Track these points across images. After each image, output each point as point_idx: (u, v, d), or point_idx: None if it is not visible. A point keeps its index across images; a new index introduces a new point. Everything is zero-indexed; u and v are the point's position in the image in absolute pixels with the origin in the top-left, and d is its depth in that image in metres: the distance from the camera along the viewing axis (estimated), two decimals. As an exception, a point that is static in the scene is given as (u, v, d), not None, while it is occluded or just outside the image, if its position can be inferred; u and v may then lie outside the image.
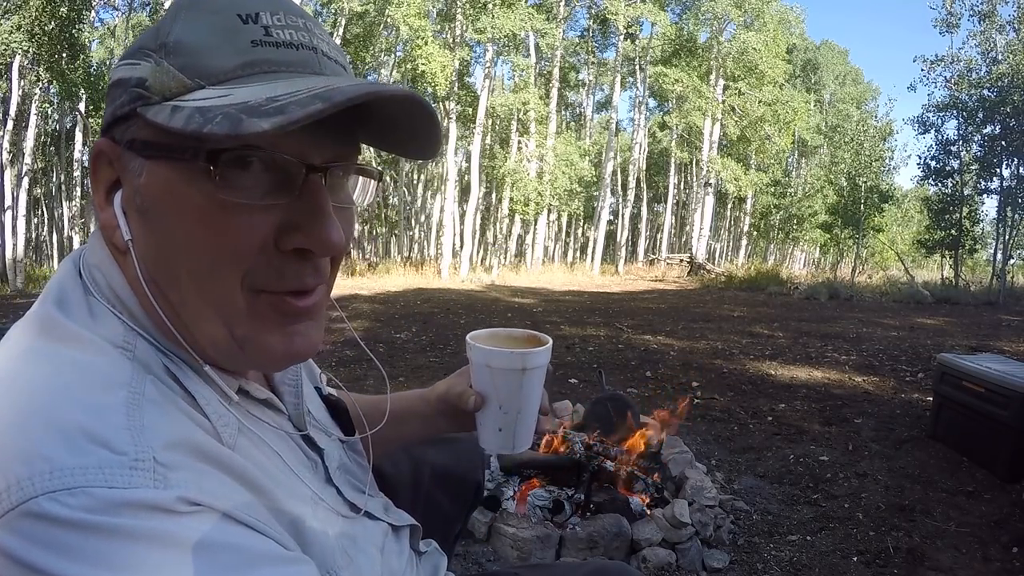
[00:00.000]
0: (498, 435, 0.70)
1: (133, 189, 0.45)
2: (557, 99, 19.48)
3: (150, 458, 0.37)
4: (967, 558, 1.93)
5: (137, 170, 0.45)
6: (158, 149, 0.43)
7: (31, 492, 0.34)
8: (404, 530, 0.70)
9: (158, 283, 0.46)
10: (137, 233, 0.46)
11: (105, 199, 0.47)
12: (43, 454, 0.35)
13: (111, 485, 0.35)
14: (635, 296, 11.22)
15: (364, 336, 5.62)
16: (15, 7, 10.12)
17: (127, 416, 0.39)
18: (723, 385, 4.11)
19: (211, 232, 0.43)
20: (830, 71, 28.85)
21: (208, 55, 0.43)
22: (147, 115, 0.42)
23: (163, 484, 0.37)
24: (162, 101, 0.43)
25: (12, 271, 12.01)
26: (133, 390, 0.41)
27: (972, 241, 15.69)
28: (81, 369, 0.41)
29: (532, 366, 0.67)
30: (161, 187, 0.44)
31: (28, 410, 0.38)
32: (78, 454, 0.36)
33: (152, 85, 0.43)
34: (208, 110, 0.40)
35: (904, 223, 28.55)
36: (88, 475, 0.35)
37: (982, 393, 2.63)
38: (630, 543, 1.87)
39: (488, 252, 23.05)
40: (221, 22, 0.44)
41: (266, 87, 0.42)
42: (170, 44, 0.44)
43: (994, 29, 14.95)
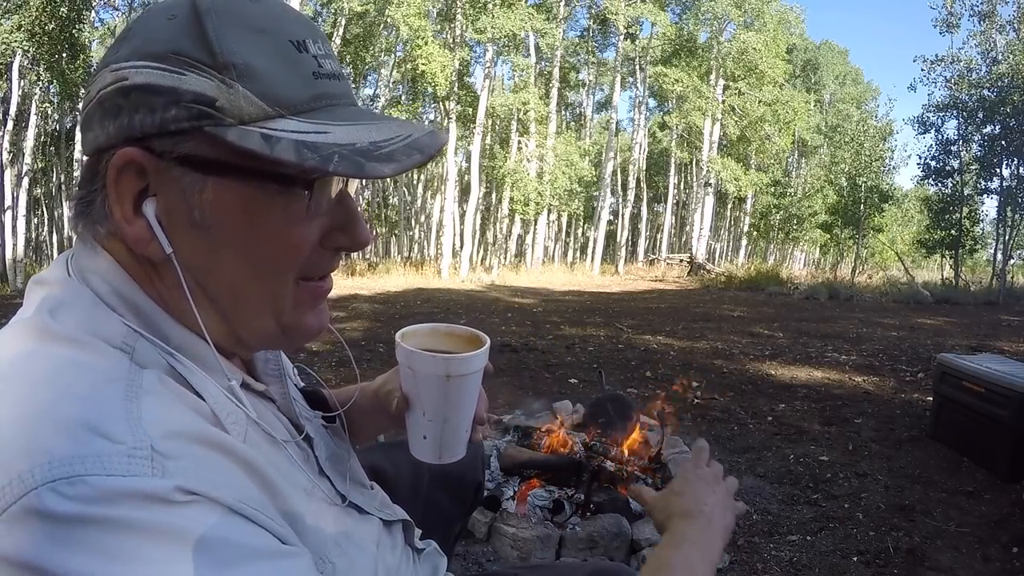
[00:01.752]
0: (423, 443, 0.64)
1: (187, 203, 0.46)
2: (557, 99, 19.48)
3: (148, 447, 0.38)
4: (967, 558, 1.93)
5: (195, 185, 0.45)
6: (235, 170, 0.45)
7: (31, 484, 0.35)
8: (397, 525, 0.69)
9: (205, 290, 0.49)
10: (181, 244, 0.47)
11: (133, 211, 0.47)
12: (43, 447, 0.36)
13: (109, 473, 0.36)
14: (635, 296, 11.22)
15: (364, 336, 5.61)
16: (15, 7, 10.11)
17: (124, 407, 0.40)
18: (723, 385, 4.11)
19: (284, 242, 0.48)
20: (830, 71, 28.84)
21: (282, 85, 0.45)
22: (226, 137, 0.43)
23: (160, 472, 0.37)
24: (239, 125, 0.44)
25: (12, 271, 12.00)
26: (130, 382, 0.42)
27: (972, 241, 15.69)
28: (79, 367, 0.42)
29: (459, 373, 0.60)
30: (233, 203, 0.46)
31: (29, 408, 0.38)
32: (76, 444, 0.36)
33: (225, 108, 0.44)
34: (316, 146, 0.43)
35: (904, 223, 28.53)
36: (87, 463, 0.36)
37: (982, 393, 2.63)
38: (630, 543, 1.87)
39: (488, 252, 23.04)
40: (279, 49, 0.46)
41: (359, 129, 0.46)
42: (238, 66, 0.44)
43: (994, 29, 14.97)
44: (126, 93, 0.45)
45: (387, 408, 0.71)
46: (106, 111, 0.46)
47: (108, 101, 0.46)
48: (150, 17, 0.47)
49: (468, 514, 1.04)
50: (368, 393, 0.77)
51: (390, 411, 0.69)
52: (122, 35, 0.47)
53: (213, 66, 0.44)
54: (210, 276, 0.48)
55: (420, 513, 0.80)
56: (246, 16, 0.46)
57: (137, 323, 0.47)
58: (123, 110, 0.45)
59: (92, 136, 0.47)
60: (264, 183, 0.46)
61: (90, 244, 0.49)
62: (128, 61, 0.45)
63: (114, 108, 0.45)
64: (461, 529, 1.02)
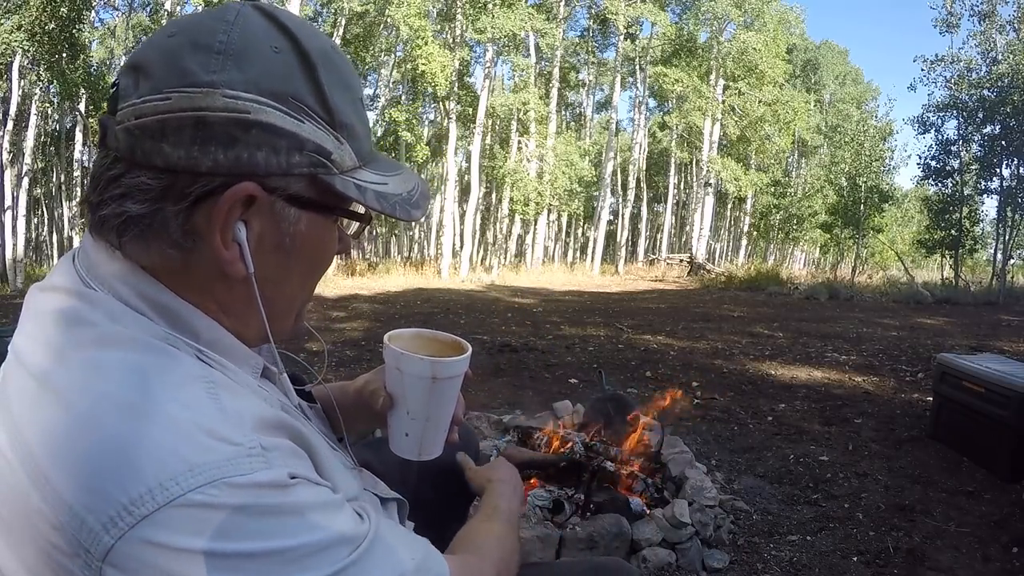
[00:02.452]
0: (405, 440, 0.68)
1: (279, 232, 0.52)
2: (557, 99, 19.48)
3: (258, 445, 0.43)
4: (967, 558, 1.93)
5: (293, 218, 0.52)
6: (327, 209, 0.53)
7: (178, 490, 0.39)
8: (391, 503, 0.70)
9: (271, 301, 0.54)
10: (262, 264, 0.52)
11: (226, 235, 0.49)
12: (178, 456, 0.40)
13: (240, 472, 0.41)
14: (635, 296, 11.22)
15: (364, 336, 5.61)
16: (15, 7, 10.11)
17: (216, 406, 0.44)
18: (723, 385, 4.11)
19: (329, 261, 0.59)
20: (830, 71, 28.83)
21: (362, 141, 0.54)
22: (334, 185, 0.51)
23: (268, 464, 0.43)
24: (340, 174, 0.52)
25: (12, 271, 12.00)
26: (207, 381, 0.46)
27: (972, 241, 15.68)
28: (159, 371, 0.45)
29: (444, 376, 0.64)
30: (316, 235, 0.54)
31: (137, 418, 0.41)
32: (207, 451, 0.41)
33: (336, 161, 0.51)
34: (385, 196, 0.54)
35: (904, 223, 28.54)
36: (222, 468, 0.41)
37: (982, 393, 2.63)
38: (630, 543, 1.87)
39: (488, 252, 23.05)
40: (358, 107, 0.54)
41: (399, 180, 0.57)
42: (346, 126, 0.52)
43: (994, 29, 14.96)
44: (246, 127, 0.46)
45: (370, 406, 0.74)
46: (212, 136, 0.46)
47: (218, 127, 0.46)
48: (251, 38, 0.47)
49: (466, 513, 1.03)
50: (350, 391, 0.80)
51: (374, 409, 0.72)
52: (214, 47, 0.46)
53: (331, 124, 0.50)
54: (276, 288, 0.55)
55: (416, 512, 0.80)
56: (339, 70, 0.52)
57: (165, 323, 0.49)
58: (239, 143, 0.46)
59: (169, 150, 0.46)
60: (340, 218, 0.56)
61: (107, 250, 0.50)
62: (246, 92, 0.46)
63: (226, 137, 0.46)
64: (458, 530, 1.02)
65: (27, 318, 0.51)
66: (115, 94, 0.48)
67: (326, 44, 0.51)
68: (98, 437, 0.41)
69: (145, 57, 0.47)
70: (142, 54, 0.48)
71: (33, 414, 0.43)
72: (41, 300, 0.51)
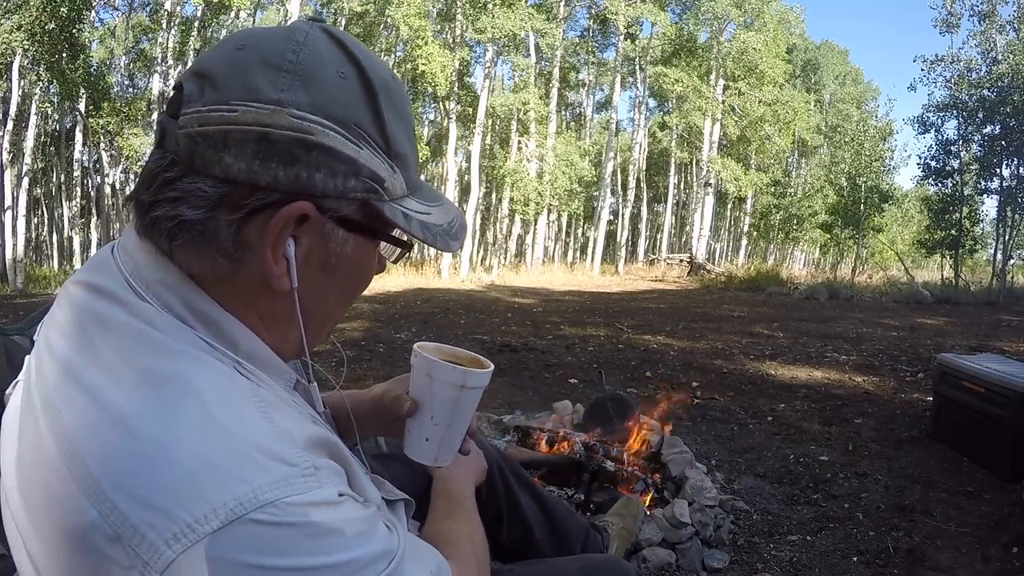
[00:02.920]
0: (424, 445, 0.71)
1: (326, 251, 0.53)
2: (557, 99, 19.48)
3: (311, 465, 0.45)
4: (967, 558, 1.93)
5: (341, 240, 0.53)
6: (373, 233, 0.54)
7: (241, 511, 0.41)
8: (399, 504, 0.71)
9: (310, 316, 0.56)
10: (306, 280, 0.53)
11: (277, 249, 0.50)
12: (239, 476, 0.42)
13: (297, 492, 0.43)
14: (635, 296, 11.22)
15: (364, 336, 5.61)
16: (15, 7, 10.11)
17: (269, 426, 0.46)
18: (723, 385, 4.10)
19: (368, 282, 0.60)
20: (830, 71, 28.83)
21: (411, 169, 0.55)
22: (384, 211, 0.53)
23: (320, 483, 0.45)
24: (390, 201, 0.53)
25: (12, 271, 12.00)
26: (256, 399, 0.48)
27: (972, 241, 15.68)
28: (212, 391, 0.46)
29: (471, 385, 0.68)
30: (360, 256, 0.55)
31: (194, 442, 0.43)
32: (265, 472, 0.43)
33: (389, 188, 0.53)
34: (428, 227, 0.55)
35: (904, 223, 28.54)
36: (280, 488, 0.42)
37: (982, 393, 2.63)
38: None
39: (488, 252, 23.05)
40: (410, 136, 0.55)
41: (440, 211, 0.58)
42: (401, 156, 0.53)
43: (994, 29, 14.96)
44: (308, 148, 0.48)
45: (387, 414, 0.76)
46: (274, 152, 0.47)
47: (281, 145, 0.47)
48: (319, 61, 0.49)
49: None
50: (366, 399, 0.81)
51: (395, 415, 0.73)
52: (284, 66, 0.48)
53: (387, 152, 0.52)
54: (316, 305, 0.56)
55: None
56: (397, 99, 0.53)
57: (207, 333, 0.50)
58: (300, 162, 0.48)
59: (230, 161, 0.47)
60: (373, 240, 0.56)
61: (154, 253, 0.50)
62: (312, 115, 0.48)
63: (288, 155, 0.47)
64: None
65: (66, 315, 0.51)
66: (178, 97, 0.49)
67: (387, 74, 0.53)
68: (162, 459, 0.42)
69: (213, 66, 0.48)
70: (209, 62, 0.49)
71: (92, 436, 0.44)
72: (85, 300, 0.50)
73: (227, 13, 14.33)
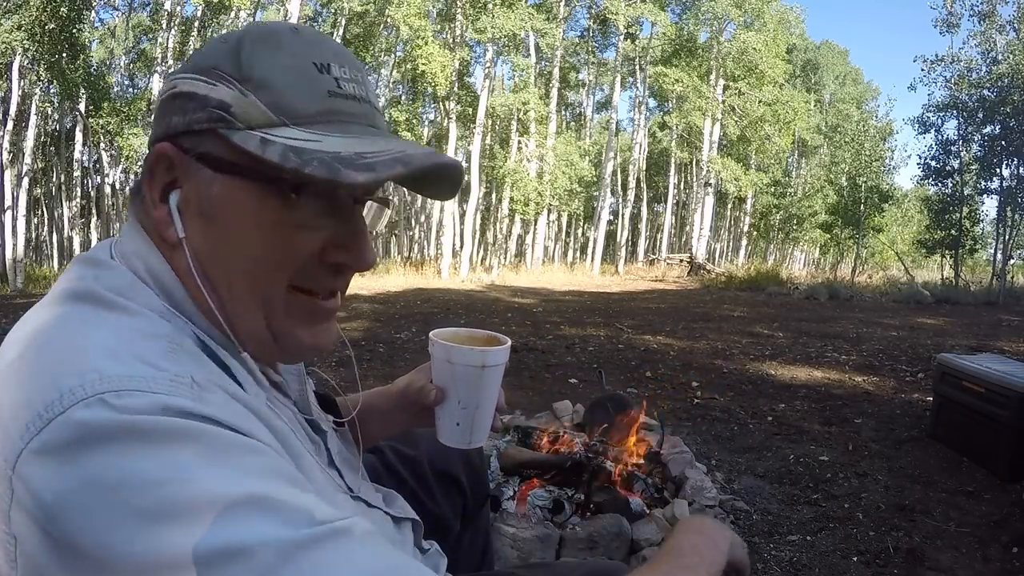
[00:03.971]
0: (456, 429, 0.72)
1: (199, 195, 0.51)
2: (557, 99, 19.47)
3: (189, 376, 0.43)
4: (967, 558, 1.93)
5: (207, 180, 0.51)
6: (238, 169, 0.50)
7: (81, 395, 0.39)
8: (406, 524, 0.71)
9: (209, 277, 0.52)
10: (192, 232, 0.51)
11: (160, 198, 0.52)
12: (94, 367, 0.40)
13: (154, 391, 0.40)
14: (635, 296, 11.22)
15: (364, 336, 5.62)
16: (15, 7, 10.11)
17: (167, 354, 0.44)
18: (723, 385, 4.11)
19: (273, 244, 0.51)
20: (830, 71, 28.83)
21: (291, 97, 0.50)
22: (232, 139, 0.49)
23: (199, 400, 0.42)
24: (246, 129, 0.49)
25: (12, 271, 12.00)
26: (173, 341, 0.47)
27: (972, 241, 15.69)
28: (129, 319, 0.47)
29: (491, 364, 0.69)
30: (234, 200, 0.51)
31: (81, 342, 0.43)
32: (126, 366, 0.41)
33: (237, 113, 0.49)
34: (302, 151, 0.47)
35: (904, 223, 28.54)
36: (134, 382, 0.40)
37: (982, 393, 2.63)
38: (630, 543, 1.87)
39: (488, 252, 23.04)
40: (300, 66, 0.51)
41: (349, 140, 0.50)
42: (256, 79, 0.50)
43: (994, 29, 14.95)
44: (173, 98, 0.52)
45: (413, 405, 0.78)
46: (160, 114, 0.53)
47: (162, 105, 0.53)
48: (213, 41, 0.54)
49: (469, 521, 1.04)
50: (392, 393, 0.82)
51: (422, 405, 0.74)
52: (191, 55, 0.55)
53: (238, 79, 0.50)
54: (210, 264, 0.52)
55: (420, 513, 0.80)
56: (282, 42, 0.52)
57: (168, 302, 0.51)
58: (168, 113, 0.52)
59: (151, 134, 0.54)
60: (258, 183, 0.50)
61: (134, 226, 0.54)
62: (182, 73, 0.52)
63: (163, 110, 0.53)
64: (462, 533, 1.02)
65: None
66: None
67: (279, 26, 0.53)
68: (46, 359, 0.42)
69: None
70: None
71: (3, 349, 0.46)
72: (75, 267, 0.53)
73: (227, 13, 14.31)
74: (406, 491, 0.90)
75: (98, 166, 18.71)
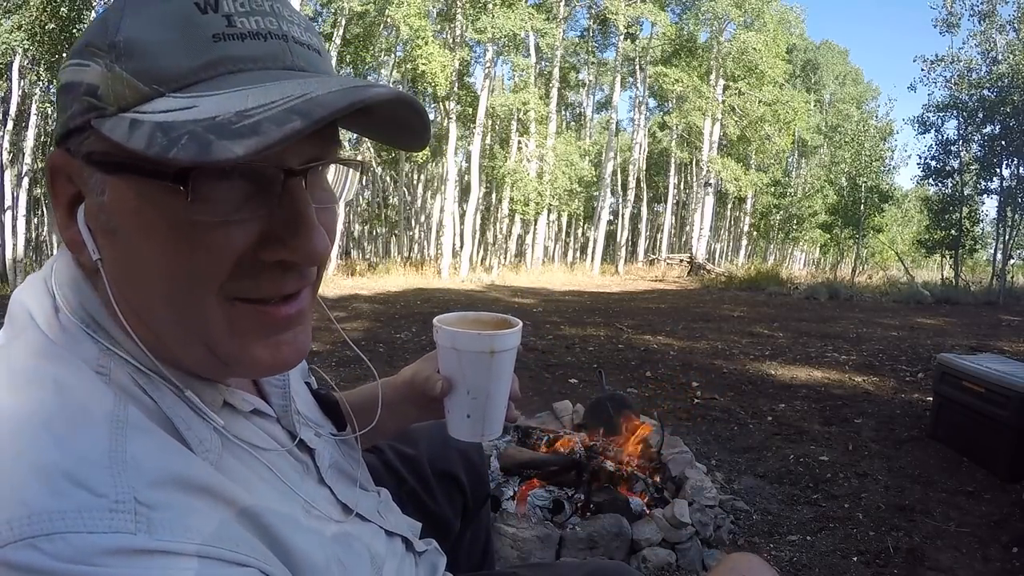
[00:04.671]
0: (467, 422, 0.66)
1: (96, 206, 0.42)
2: (557, 99, 19.47)
3: (131, 499, 0.36)
4: (967, 558, 1.93)
5: (98, 186, 0.41)
6: (119, 165, 0.40)
7: (8, 538, 0.33)
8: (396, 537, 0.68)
9: (131, 304, 0.43)
10: (106, 252, 0.43)
11: (68, 215, 0.43)
12: (22, 498, 0.34)
13: (90, 530, 0.34)
14: (635, 296, 11.22)
15: (364, 336, 5.61)
16: (15, 7, 10.11)
17: (110, 453, 0.37)
18: (723, 385, 4.10)
19: (183, 252, 0.40)
20: (830, 71, 28.84)
21: (164, 55, 0.39)
22: (102, 129, 0.39)
23: (145, 527, 0.35)
24: (118, 112, 0.39)
25: (12, 271, 12.00)
26: (116, 418, 0.39)
27: (972, 241, 15.67)
28: (63, 398, 0.39)
29: (501, 348, 0.63)
30: (127, 205, 0.40)
31: (10, 452, 0.36)
32: (57, 497, 0.34)
33: (104, 94, 0.39)
34: (171, 127, 0.36)
35: (904, 223, 28.55)
36: (67, 519, 0.34)
37: (982, 393, 2.63)
38: (630, 543, 1.87)
39: (488, 252, 23.04)
40: (176, 12, 0.39)
41: (234, 96, 0.38)
42: (120, 44, 0.39)
43: (994, 29, 14.95)
44: (57, 95, 0.43)
45: (420, 397, 0.72)
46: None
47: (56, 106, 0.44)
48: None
49: (470, 520, 1.03)
50: (396, 385, 0.76)
51: (429, 397, 0.68)
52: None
53: (104, 50, 0.39)
54: (129, 288, 0.43)
55: (420, 514, 0.80)
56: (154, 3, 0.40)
57: (106, 337, 0.43)
58: (58, 114, 0.43)
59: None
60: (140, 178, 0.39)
61: (65, 255, 0.46)
62: (67, 61, 0.42)
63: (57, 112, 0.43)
64: (462, 533, 1.02)
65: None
66: None
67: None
68: None
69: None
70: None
71: None
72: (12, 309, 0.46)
73: (227, 13, 14.30)
74: (406, 490, 0.90)
75: (98, 166, 18.67)
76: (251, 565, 0.40)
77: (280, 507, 0.47)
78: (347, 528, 0.57)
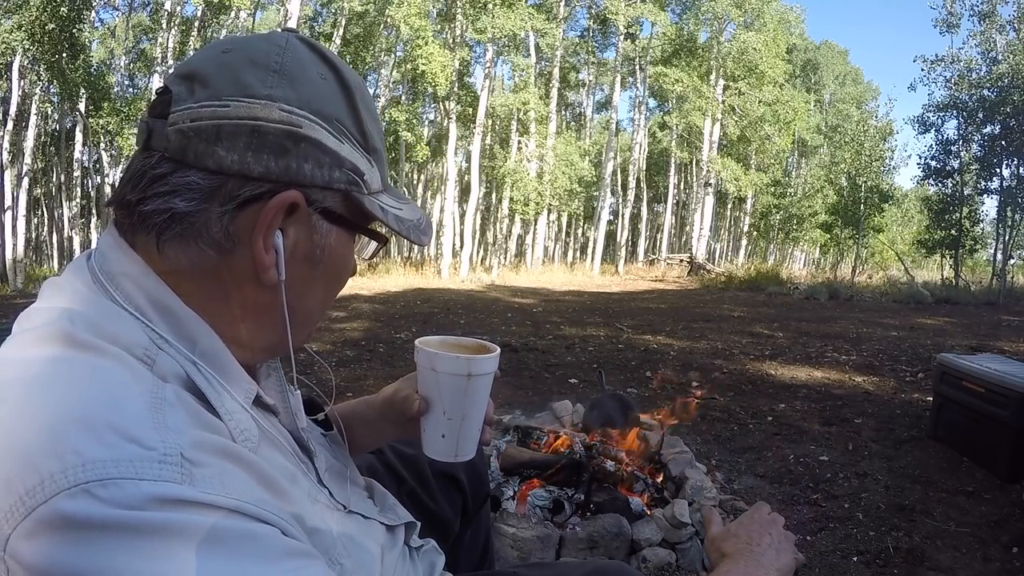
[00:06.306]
0: (441, 441, 0.68)
1: (311, 242, 0.53)
2: (557, 99, 19.48)
3: (178, 454, 0.40)
4: (967, 558, 1.93)
5: (325, 231, 0.54)
6: (350, 224, 0.55)
7: (64, 484, 0.36)
8: (399, 527, 0.71)
9: (295, 312, 0.55)
10: (292, 273, 0.53)
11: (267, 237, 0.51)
12: (74, 448, 0.37)
13: (141, 477, 0.38)
14: (635, 296, 11.22)
15: (364, 336, 5.61)
16: (15, 7, 10.11)
17: (152, 417, 0.41)
18: (723, 385, 4.10)
19: (347, 277, 0.60)
20: (830, 71, 28.84)
21: (384, 167, 0.58)
22: (364, 204, 0.54)
23: (189, 480, 0.39)
24: (368, 194, 0.55)
25: (12, 271, 12.00)
26: (155, 395, 0.43)
27: (972, 241, 15.68)
28: (103, 374, 0.43)
29: (478, 372, 0.66)
30: (341, 249, 0.56)
31: (56, 411, 0.39)
32: (109, 448, 0.38)
33: (367, 181, 0.55)
34: (401, 220, 0.57)
35: (904, 223, 28.55)
36: (120, 467, 0.37)
37: (982, 393, 2.63)
38: (630, 543, 1.87)
39: (488, 252, 23.05)
40: (382, 135, 0.57)
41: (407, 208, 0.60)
42: (377, 152, 0.56)
43: (994, 29, 14.96)
44: (297, 140, 0.50)
45: (398, 415, 0.75)
46: (265, 144, 0.49)
47: (271, 137, 0.49)
48: (301, 63, 0.51)
49: (469, 520, 1.04)
50: (377, 403, 0.79)
51: (407, 416, 0.72)
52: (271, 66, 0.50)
53: (365, 147, 0.54)
54: (299, 299, 0.55)
55: (420, 512, 0.80)
56: (368, 101, 0.56)
57: (165, 327, 0.49)
58: (290, 153, 0.50)
59: (223, 153, 0.48)
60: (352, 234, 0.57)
61: (121, 245, 0.51)
62: (299, 109, 0.50)
63: (278, 147, 0.49)
64: (462, 533, 1.02)
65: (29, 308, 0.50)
66: (166, 99, 0.49)
67: (358, 79, 0.56)
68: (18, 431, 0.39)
69: (201, 67, 0.50)
70: (197, 64, 0.50)
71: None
72: (46, 293, 0.50)
73: (227, 13, 14.32)
74: (406, 490, 0.90)
75: (98, 166, 18.70)
76: (276, 525, 0.44)
77: (300, 490, 0.54)
78: (349, 522, 0.61)
